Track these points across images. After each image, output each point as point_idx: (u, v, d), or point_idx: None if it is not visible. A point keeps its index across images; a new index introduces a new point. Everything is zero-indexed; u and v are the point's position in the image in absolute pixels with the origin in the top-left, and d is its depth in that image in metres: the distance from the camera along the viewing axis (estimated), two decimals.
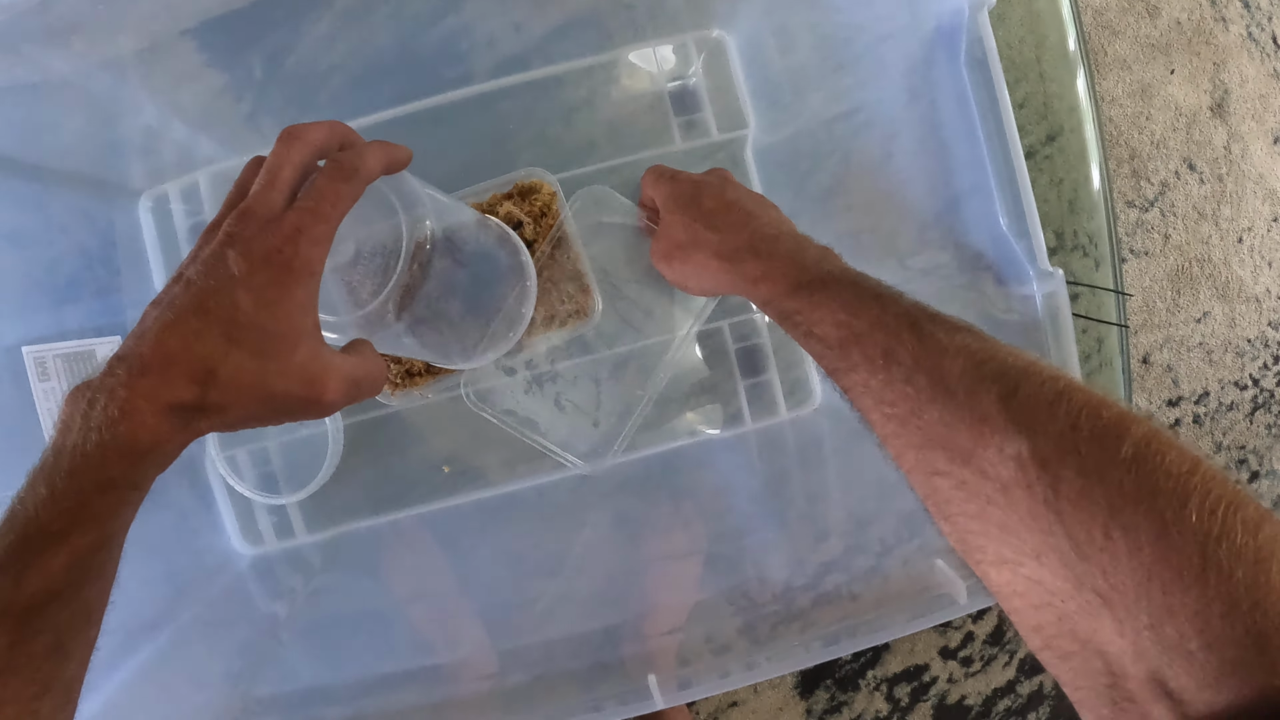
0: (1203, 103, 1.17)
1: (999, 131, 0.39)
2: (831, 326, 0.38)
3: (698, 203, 0.50)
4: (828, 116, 0.58)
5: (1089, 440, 0.27)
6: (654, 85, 0.65)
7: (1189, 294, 1.15)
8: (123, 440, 0.32)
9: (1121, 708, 0.25)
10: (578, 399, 0.63)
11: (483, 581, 0.68)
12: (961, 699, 1.07)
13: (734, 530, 0.69)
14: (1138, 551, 0.24)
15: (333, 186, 0.35)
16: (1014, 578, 0.28)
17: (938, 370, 0.32)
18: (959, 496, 0.30)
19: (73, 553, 0.32)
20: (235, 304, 0.33)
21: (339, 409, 0.37)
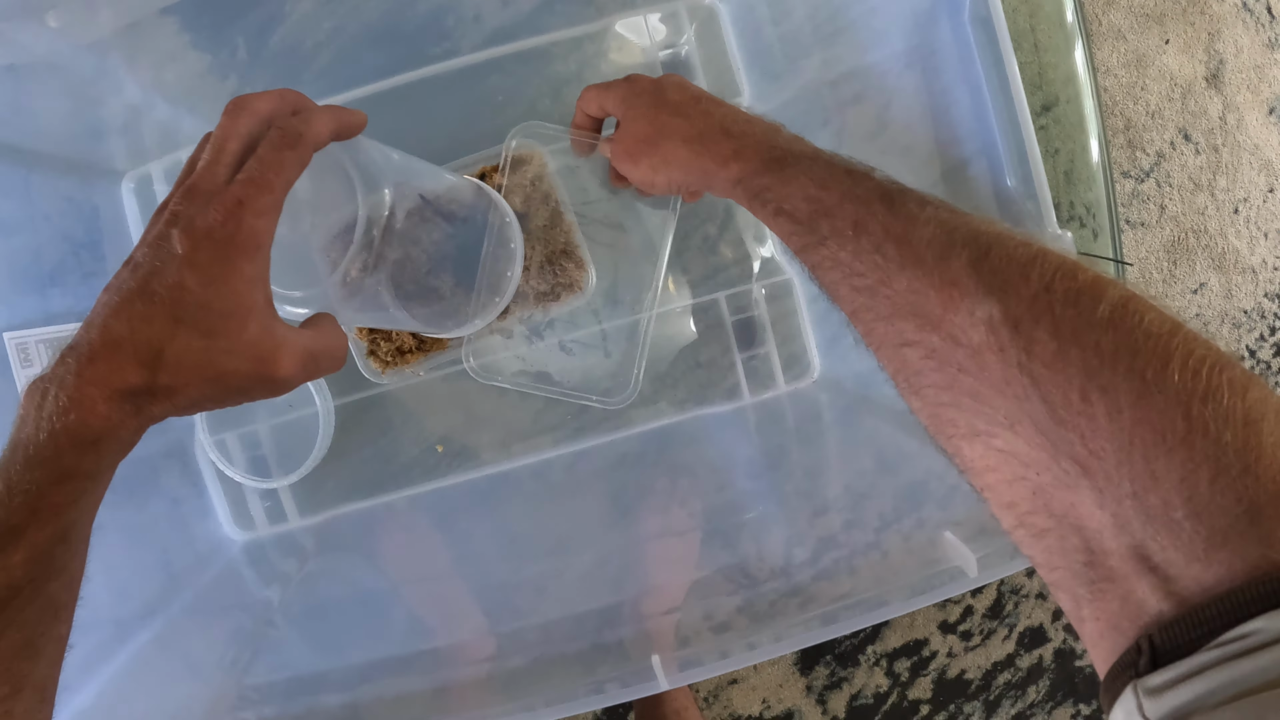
0: (1198, 73, 1.16)
1: (1004, 90, 0.38)
2: (802, 201, 0.37)
3: (662, 95, 0.49)
4: (823, 82, 0.57)
5: (1064, 301, 0.25)
6: (645, 56, 0.64)
7: (1185, 265, 1.14)
8: (74, 429, 0.31)
9: (1100, 588, 0.24)
10: (581, 338, 0.61)
11: (478, 562, 0.68)
12: (961, 673, 1.07)
13: (731, 506, 0.68)
14: (1118, 414, 0.23)
15: (275, 154, 0.33)
16: (986, 451, 0.27)
17: (907, 238, 0.31)
18: (929, 366, 0.29)
19: (32, 547, 0.32)
20: (179, 283, 0.32)
21: (295, 385, 0.36)
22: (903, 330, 0.30)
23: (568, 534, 0.69)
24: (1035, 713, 1.09)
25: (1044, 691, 1.09)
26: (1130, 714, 0.21)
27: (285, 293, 0.41)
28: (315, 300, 0.41)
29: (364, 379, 0.63)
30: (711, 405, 0.67)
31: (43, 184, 0.60)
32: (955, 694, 1.07)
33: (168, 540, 0.64)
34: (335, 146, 0.39)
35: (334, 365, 0.38)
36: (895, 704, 1.06)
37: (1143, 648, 0.22)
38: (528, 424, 0.67)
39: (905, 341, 0.30)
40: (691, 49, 0.63)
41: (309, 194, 0.41)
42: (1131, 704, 0.21)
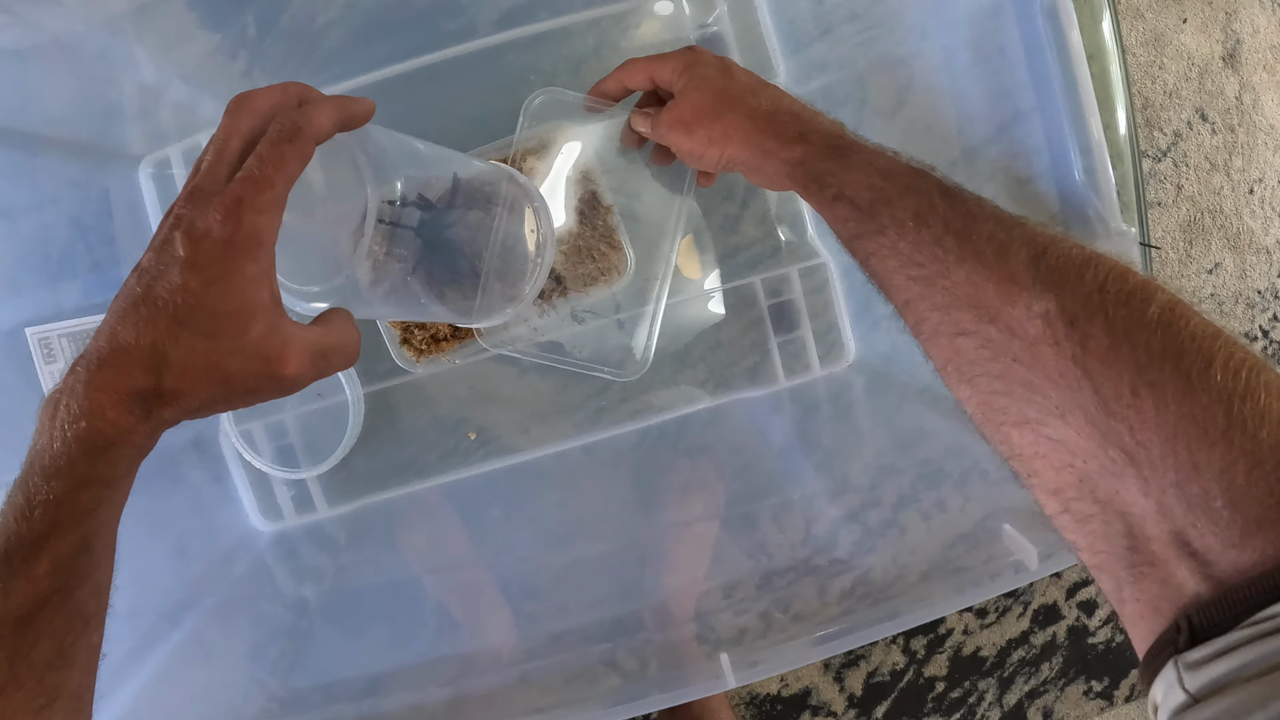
0: (1215, 52, 1.15)
1: (1071, 85, 0.37)
2: (864, 189, 0.37)
3: (729, 70, 0.48)
4: (868, 66, 0.56)
5: (1116, 302, 0.27)
6: (677, 33, 0.63)
7: (1201, 245, 1.14)
8: (86, 436, 0.32)
9: (1141, 571, 0.26)
10: (595, 307, 0.60)
11: (503, 551, 0.68)
12: (977, 650, 1.08)
13: (757, 490, 0.68)
14: (1164, 408, 0.24)
15: (274, 150, 0.33)
16: (1036, 438, 0.28)
17: (968, 233, 0.32)
18: (984, 355, 0.30)
19: (55, 557, 0.32)
20: (182, 286, 0.32)
21: (305, 384, 0.36)
22: (959, 320, 0.31)
23: (590, 519, 0.69)
24: (1048, 689, 1.11)
25: (1057, 668, 1.10)
26: (1171, 685, 0.23)
27: (302, 289, 0.40)
28: (334, 295, 0.40)
29: (389, 367, 0.62)
30: (742, 390, 0.66)
31: (49, 169, 0.59)
32: (970, 671, 1.08)
33: (194, 534, 0.64)
34: (345, 137, 0.38)
35: (345, 361, 0.38)
36: (911, 681, 1.07)
37: (1181, 627, 0.24)
38: (548, 407, 0.66)
39: (961, 331, 0.31)
40: (724, 26, 0.61)
41: (320, 187, 0.40)
42: (1172, 677, 0.23)
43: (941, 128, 0.55)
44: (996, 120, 0.47)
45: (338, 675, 0.58)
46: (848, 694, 1.07)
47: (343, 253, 0.40)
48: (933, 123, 0.55)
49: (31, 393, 0.56)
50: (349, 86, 0.63)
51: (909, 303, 0.34)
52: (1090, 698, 1.12)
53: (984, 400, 0.31)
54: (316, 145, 0.35)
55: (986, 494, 0.56)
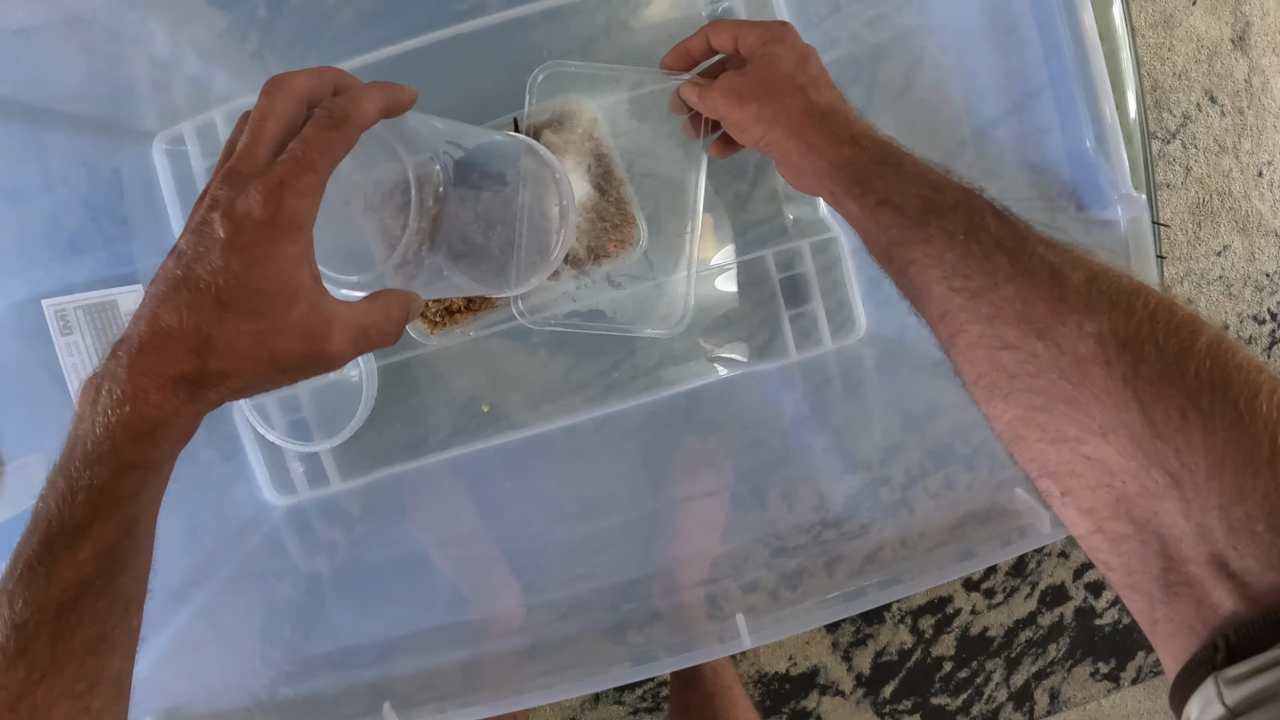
0: (1224, 34, 1.15)
1: (1082, 56, 0.38)
2: (914, 197, 0.37)
3: (807, 57, 0.48)
4: (879, 44, 0.56)
5: (1166, 330, 0.28)
6: (689, 10, 0.63)
7: (1209, 227, 1.14)
8: (130, 421, 0.32)
9: (1176, 591, 0.26)
10: (628, 269, 0.61)
11: (513, 525, 0.68)
12: (984, 630, 1.09)
13: (765, 464, 0.69)
14: (1212, 434, 0.25)
15: (320, 135, 0.33)
16: (1073, 456, 0.29)
17: (1019, 251, 0.32)
18: (1027, 371, 0.30)
19: (98, 542, 0.33)
20: (224, 268, 0.32)
21: (348, 360, 0.36)
22: (1004, 334, 0.31)
23: (600, 494, 0.69)
24: (1055, 670, 1.11)
25: (1064, 649, 1.11)
26: (1209, 701, 0.24)
27: (341, 277, 0.40)
28: (374, 285, 0.40)
29: (410, 340, 0.62)
30: (751, 363, 0.67)
31: (58, 147, 0.59)
32: (978, 651, 1.09)
33: (207, 508, 0.64)
34: (379, 124, 0.38)
35: (387, 339, 0.38)
36: (919, 660, 1.08)
37: (1219, 645, 0.24)
38: (559, 382, 0.67)
39: (1005, 345, 0.31)
40: (736, 2, 0.62)
41: (358, 175, 0.40)
42: (1211, 693, 0.24)
43: (951, 106, 0.55)
44: (1009, 93, 0.47)
45: (349, 646, 0.59)
46: (856, 673, 1.07)
47: (386, 240, 0.40)
48: (942, 102, 0.56)
49: (49, 364, 0.56)
50: (358, 64, 0.63)
51: (947, 314, 0.34)
52: (1097, 679, 1.13)
53: (1020, 415, 0.31)
54: (362, 132, 0.35)
55: (994, 473, 0.57)
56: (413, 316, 0.40)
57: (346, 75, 0.37)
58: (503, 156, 0.51)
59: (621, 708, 1.05)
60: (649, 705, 1.05)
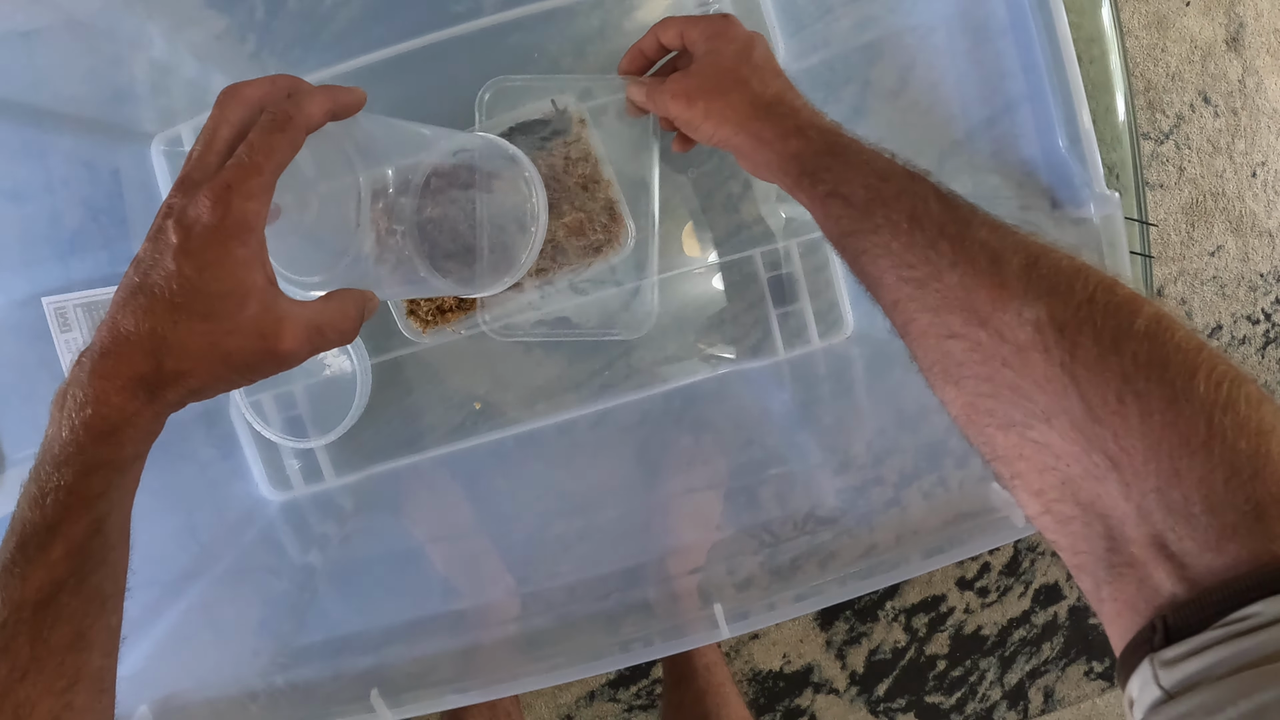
0: (1218, 35, 1.15)
1: (1056, 56, 0.39)
2: (860, 187, 0.38)
3: (750, 49, 0.48)
4: (860, 42, 0.57)
5: (1104, 312, 0.28)
6: (677, 11, 0.64)
7: (1203, 227, 1.14)
8: (92, 424, 0.33)
9: (1119, 572, 0.27)
10: (591, 275, 0.61)
11: (507, 521, 0.69)
12: (978, 629, 1.09)
13: (757, 462, 0.69)
14: (1149, 417, 0.25)
15: (264, 139, 0.34)
16: (1020, 441, 0.29)
17: (962, 238, 0.33)
18: (973, 359, 0.31)
19: (69, 541, 0.34)
20: (176, 273, 0.33)
21: (303, 358, 0.37)
22: (949, 323, 0.32)
23: (593, 491, 0.70)
24: (1049, 669, 1.11)
25: (1058, 648, 1.11)
26: (1146, 682, 0.24)
27: (302, 279, 0.41)
28: (335, 283, 0.41)
29: (397, 338, 0.63)
30: (742, 361, 0.67)
31: (59, 148, 0.60)
32: (972, 649, 1.09)
33: (204, 503, 0.65)
34: (334, 127, 0.39)
35: (342, 337, 0.39)
36: (913, 659, 1.08)
37: (1157, 626, 0.25)
38: (553, 381, 0.68)
39: (951, 333, 0.32)
40: (726, 5, 0.62)
41: (314, 178, 0.41)
42: (1148, 674, 0.24)
43: (940, 107, 0.56)
44: (984, 91, 0.48)
45: (342, 636, 0.60)
46: (849, 671, 1.08)
47: (340, 240, 0.40)
48: (930, 102, 0.56)
49: (49, 362, 0.57)
50: (355, 66, 0.64)
51: (898, 303, 0.35)
52: (1091, 678, 1.13)
53: (970, 402, 0.31)
54: (308, 134, 0.36)
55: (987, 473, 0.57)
56: (368, 315, 0.41)
57: (301, 82, 0.38)
58: (472, 157, 0.51)
59: (616, 705, 1.06)
60: (644, 703, 1.06)
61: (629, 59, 0.55)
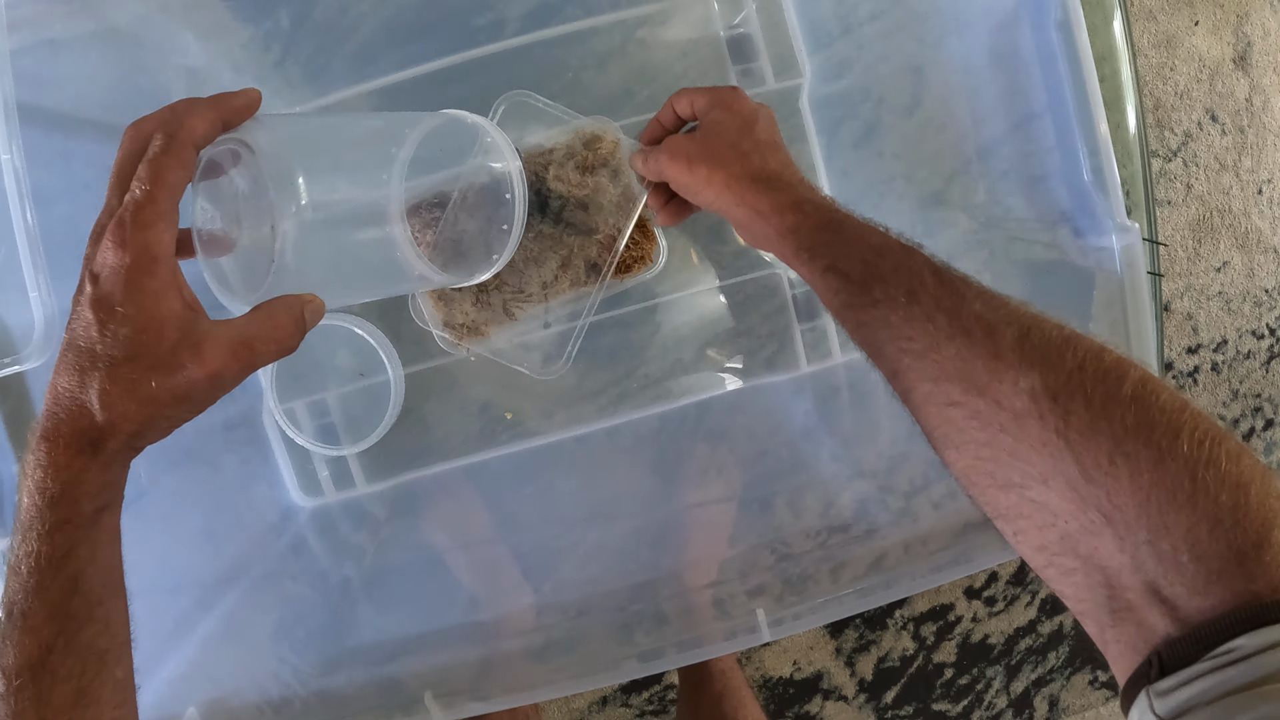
0: (1226, 54, 1.17)
1: (1081, 93, 0.40)
2: (857, 262, 0.39)
3: (753, 122, 0.49)
4: (888, 67, 0.58)
5: (1094, 379, 0.30)
6: (705, 31, 0.65)
7: (1209, 244, 1.16)
8: (44, 487, 0.34)
9: (1120, 615, 0.29)
10: (527, 307, 0.61)
11: (528, 530, 0.70)
12: (985, 638, 1.11)
13: (777, 474, 0.70)
14: (1138, 476, 0.28)
15: (150, 166, 0.33)
16: (1020, 500, 0.31)
17: (957, 311, 0.35)
18: (972, 425, 0.33)
19: (48, 604, 0.34)
20: (92, 321, 0.33)
21: (238, 376, 0.36)
22: (949, 392, 0.34)
23: (609, 499, 0.71)
24: (1054, 677, 1.13)
25: (1063, 657, 1.13)
26: (1144, 712, 0.27)
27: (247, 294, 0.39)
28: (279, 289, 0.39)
29: (439, 348, 0.64)
30: (766, 375, 0.69)
31: (84, 154, 0.61)
32: (978, 658, 1.11)
33: (236, 508, 0.66)
34: (249, 135, 0.37)
35: (279, 347, 0.37)
36: (920, 667, 1.10)
37: (1153, 661, 0.27)
38: (571, 391, 0.69)
39: (951, 402, 0.34)
40: (753, 26, 0.64)
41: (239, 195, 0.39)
42: (1145, 704, 0.27)
43: (957, 126, 0.58)
44: (1010, 121, 0.49)
45: (371, 647, 0.61)
46: (858, 678, 1.09)
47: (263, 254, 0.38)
48: (948, 122, 0.58)
49: None
50: (378, 85, 0.64)
51: (898, 372, 0.36)
52: (1095, 687, 1.15)
53: (971, 464, 0.33)
54: (196, 150, 0.35)
55: None
56: (311, 320, 0.39)
57: (195, 101, 0.36)
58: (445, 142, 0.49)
59: (628, 710, 1.07)
60: (655, 709, 1.07)
61: (648, 131, 0.55)
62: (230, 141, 0.37)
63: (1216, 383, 1.17)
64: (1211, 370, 1.17)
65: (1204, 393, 1.17)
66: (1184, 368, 1.16)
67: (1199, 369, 1.16)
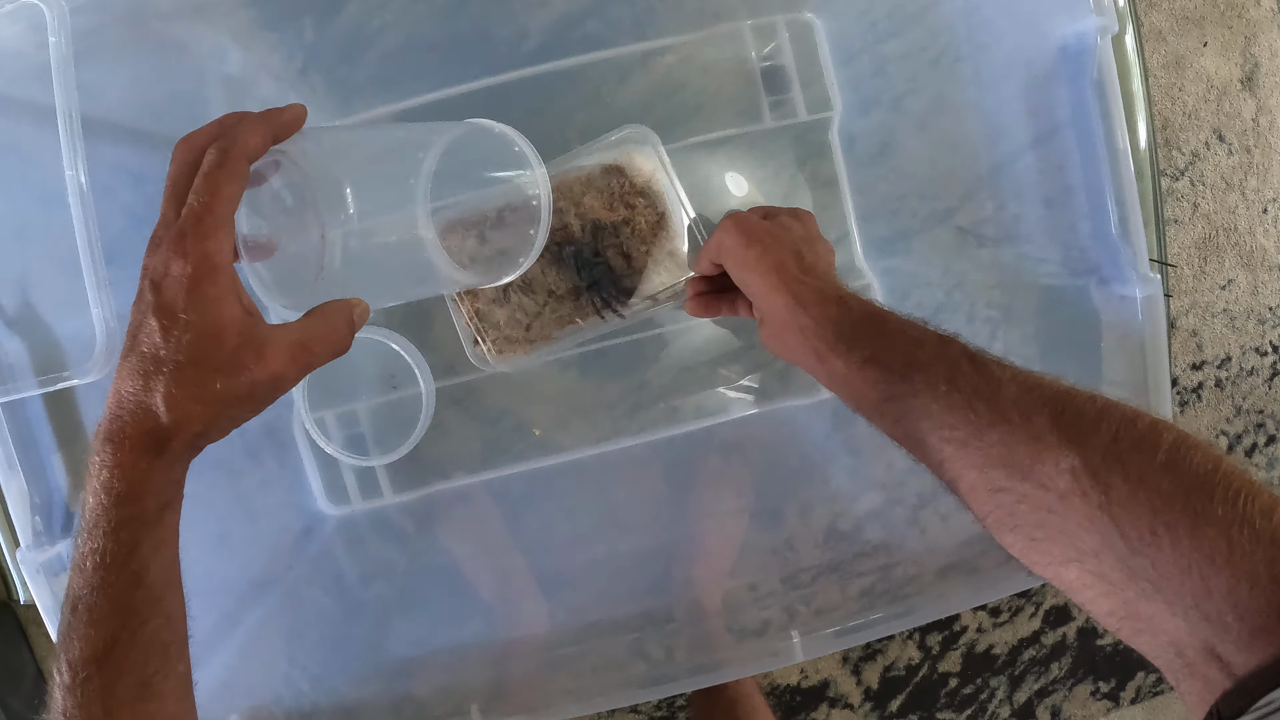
0: (1233, 75, 1.19)
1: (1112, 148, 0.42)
2: (898, 354, 0.40)
3: (816, 241, 0.51)
4: (918, 111, 0.60)
5: (1129, 450, 0.32)
6: (739, 52, 0.65)
7: (1215, 262, 1.18)
8: (110, 486, 0.35)
9: (1186, 671, 0.30)
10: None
11: (553, 544, 0.71)
12: (989, 648, 1.12)
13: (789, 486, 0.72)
14: (1178, 544, 0.29)
15: (207, 179, 0.36)
16: (1081, 573, 0.33)
17: (995, 397, 0.36)
18: (1022, 509, 0.34)
19: (112, 599, 0.36)
20: (156, 327, 0.35)
21: (297, 378, 0.39)
22: (994, 478, 0.35)
23: (623, 510, 0.73)
24: (1057, 688, 1.15)
25: (1066, 668, 1.14)
26: None
27: (292, 300, 0.41)
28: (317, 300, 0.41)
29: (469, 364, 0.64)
30: (781, 399, 0.70)
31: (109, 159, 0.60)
32: (983, 668, 1.12)
33: (262, 514, 0.68)
34: (292, 148, 0.39)
35: (333, 350, 0.40)
36: (926, 676, 1.12)
37: (1214, 714, 0.29)
38: (588, 401, 0.70)
39: (998, 488, 0.35)
40: (786, 58, 0.65)
41: (281, 203, 0.41)
42: None
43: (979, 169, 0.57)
44: (1039, 171, 0.51)
45: (393, 654, 0.62)
46: (865, 687, 1.11)
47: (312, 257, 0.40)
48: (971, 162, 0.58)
49: None
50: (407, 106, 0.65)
51: (943, 462, 0.38)
52: (1097, 698, 1.16)
53: (1028, 545, 0.35)
54: (249, 163, 0.37)
55: None
56: (360, 321, 0.41)
57: (245, 115, 0.39)
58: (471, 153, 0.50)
59: (637, 714, 1.08)
60: (664, 715, 1.08)
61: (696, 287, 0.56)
62: (275, 153, 0.39)
63: (1220, 399, 1.18)
64: (1215, 386, 1.18)
65: (1207, 409, 1.19)
66: (1188, 384, 1.18)
67: (1203, 385, 1.18)
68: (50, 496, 0.52)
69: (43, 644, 1.07)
